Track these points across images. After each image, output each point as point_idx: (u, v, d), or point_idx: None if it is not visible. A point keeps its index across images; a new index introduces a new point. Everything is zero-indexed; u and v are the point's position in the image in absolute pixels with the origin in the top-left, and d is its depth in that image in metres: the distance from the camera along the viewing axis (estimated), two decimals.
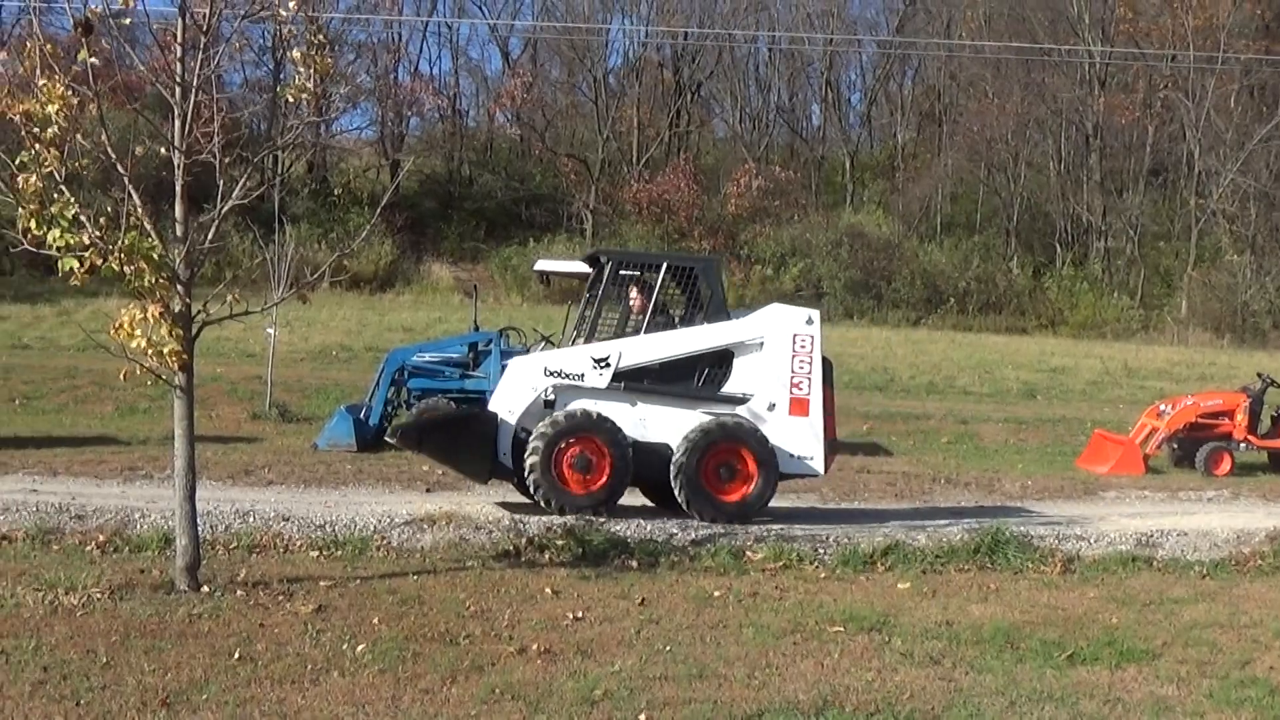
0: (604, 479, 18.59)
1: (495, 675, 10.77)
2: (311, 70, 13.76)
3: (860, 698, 10.59)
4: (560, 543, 16.60)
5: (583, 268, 21.54)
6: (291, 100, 14.26)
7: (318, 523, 17.20)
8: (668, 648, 11.90)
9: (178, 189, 13.40)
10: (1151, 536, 18.73)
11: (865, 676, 11.17)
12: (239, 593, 13.53)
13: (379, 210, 22.82)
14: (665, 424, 19.01)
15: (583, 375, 19.03)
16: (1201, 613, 14.63)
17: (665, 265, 20.04)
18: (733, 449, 18.82)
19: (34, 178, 12.62)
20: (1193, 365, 51.69)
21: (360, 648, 11.43)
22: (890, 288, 67.87)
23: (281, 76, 62.53)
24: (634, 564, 16.15)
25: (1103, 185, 75.88)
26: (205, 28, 13.28)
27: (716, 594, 14.50)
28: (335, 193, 70.31)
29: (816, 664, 11.56)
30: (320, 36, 14.21)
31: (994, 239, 75.74)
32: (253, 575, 14.43)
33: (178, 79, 13.25)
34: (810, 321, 19.40)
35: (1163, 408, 30.49)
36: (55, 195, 12.71)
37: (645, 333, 19.29)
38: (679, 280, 20.06)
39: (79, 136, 12.84)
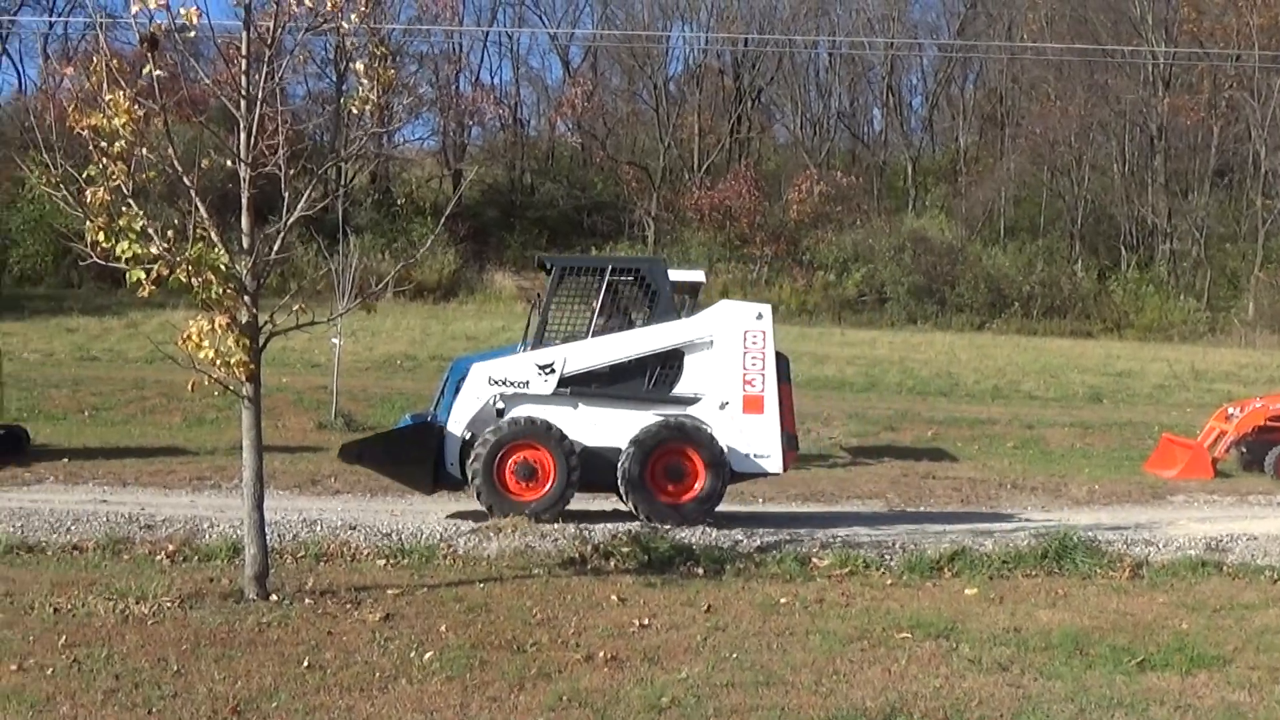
0: (547, 485, 18.78)
1: (562, 683, 10.79)
2: (374, 82, 13.82)
3: (928, 704, 10.56)
4: (625, 550, 16.60)
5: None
6: (355, 112, 14.34)
7: (384, 531, 17.30)
8: (734, 655, 11.89)
9: (243, 201, 13.49)
10: (1221, 541, 18.60)
11: (933, 683, 11.13)
12: (307, 601, 13.60)
13: (442, 220, 22.96)
14: (615, 427, 19.12)
15: (528, 382, 19.29)
16: (1273, 618, 14.50)
17: (610, 268, 20.12)
18: (679, 450, 18.88)
19: (102, 191, 12.74)
20: (1261, 367, 51.26)
21: (428, 655, 11.47)
22: (954, 292, 67.56)
23: (344, 88, 62.74)
24: (699, 571, 16.14)
25: (1167, 187, 75.37)
26: (269, 41, 13.36)
27: (783, 601, 14.48)
28: (398, 203, 70.55)
29: (884, 671, 11.53)
30: (382, 48, 14.28)
31: (1058, 242, 75.30)
32: (320, 584, 14.51)
33: (242, 92, 13.34)
34: (760, 317, 19.40)
35: (1231, 411, 30.25)
36: (123, 208, 12.82)
37: (594, 336, 19.44)
38: (627, 282, 20.11)
39: (145, 150, 12.94)
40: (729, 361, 19.14)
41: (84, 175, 12.86)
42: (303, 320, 13.85)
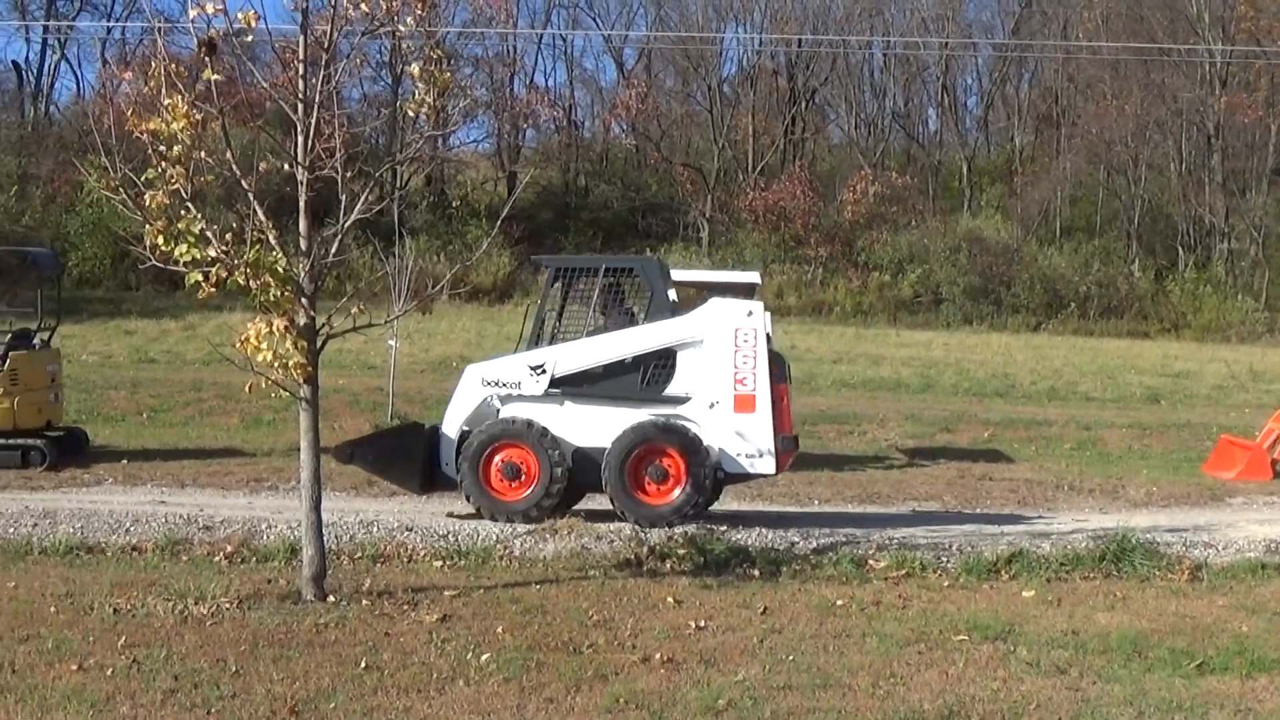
0: (531, 485, 18.79)
1: (619, 684, 10.80)
2: (430, 85, 13.87)
3: (985, 708, 10.53)
4: (682, 552, 16.61)
5: (703, 276, 21.70)
6: (411, 115, 14.39)
7: (441, 532, 17.35)
8: (791, 657, 11.88)
9: (301, 204, 13.55)
10: None
11: (991, 686, 11.10)
12: (364, 602, 13.65)
13: (498, 223, 22.95)
14: (606, 428, 19.03)
15: (520, 383, 19.31)
16: None
17: (604, 268, 20.11)
18: (660, 451, 18.77)
19: (160, 194, 12.83)
20: None
21: (485, 657, 11.50)
22: (1010, 293, 67.26)
23: (400, 91, 62.89)
24: (756, 573, 16.13)
25: (1225, 186, 74.88)
26: (326, 45, 13.42)
27: (839, 603, 14.46)
28: (453, 205, 70.76)
29: (941, 673, 11.50)
30: (438, 51, 14.31)
31: (1114, 242, 74.90)
32: (377, 585, 14.56)
33: (299, 95, 13.41)
34: (751, 314, 19.07)
35: None
36: (181, 211, 12.91)
37: (587, 336, 19.51)
38: (621, 281, 20.10)
39: (203, 153, 13.02)
40: (720, 360, 18.92)
41: (143, 179, 12.95)
42: (359, 322, 13.91)
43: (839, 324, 62.13)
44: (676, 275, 22.83)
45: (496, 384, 19.44)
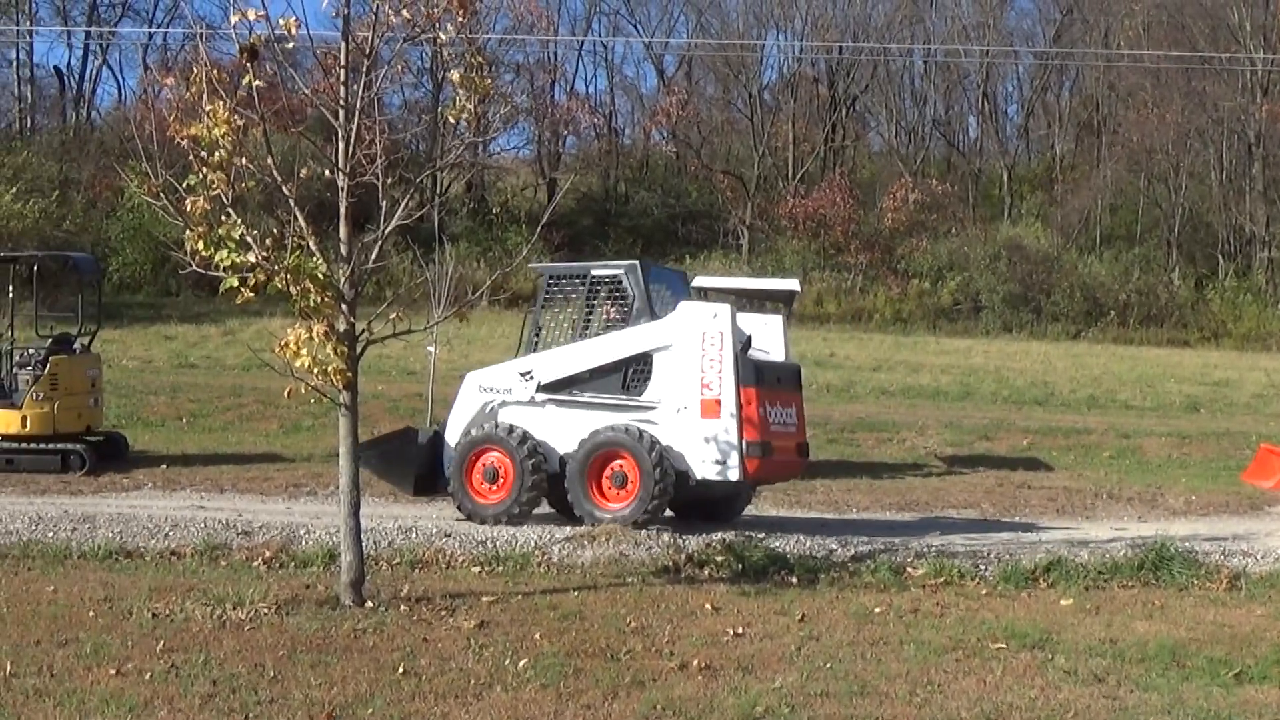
0: (508, 488, 19.07)
1: (656, 691, 10.79)
2: (470, 91, 13.89)
3: (1023, 716, 10.48)
4: (719, 559, 16.60)
5: (742, 283, 21.73)
6: (451, 121, 14.43)
7: (479, 539, 17.38)
8: (828, 664, 11.85)
9: (341, 210, 13.59)
10: None
11: (1028, 694, 11.05)
12: (402, 608, 13.67)
13: (538, 229, 22.99)
14: (584, 433, 19.21)
15: (511, 389, 19.67)
16: None
17: (589, 274, 20.24)
18: (618, 456, 18.78)
19: (201, 200, 12.88)
20: None
21: (522, 663, 11.50)
22: (1049, 301, 67.08)
23: (441, 98, 63.02)
24: (793, 580, 16.10)
25: (1266, 194, 74.49)
26: (367, 51, 13.45)
27: (877, 610, 14.42)
28: (493, 211, 70.89)
29: (979, 681, 11.46)
30: (479, 58, 14.33)
31: (1155, 250, 74.65)
32: (415, 591, 14.57)
33: (340, 102, 13.44)
34: (717, 317, 18.85)
35: None
36: (222, 217, 12.95)
37: (573, 342, 19.82)
38: (607, 287, 20.11)
39: (244, 159, 13.06)
40: (687, 365, 18.83)
41: (184, 184, 13.00)
42: (399, 328, 13.93)
43: (878, 331, 62.03)
44: (716, 282, 22.86)
45: (492, 390, 19.94)
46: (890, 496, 24.01)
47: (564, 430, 19.35)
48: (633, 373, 19.22)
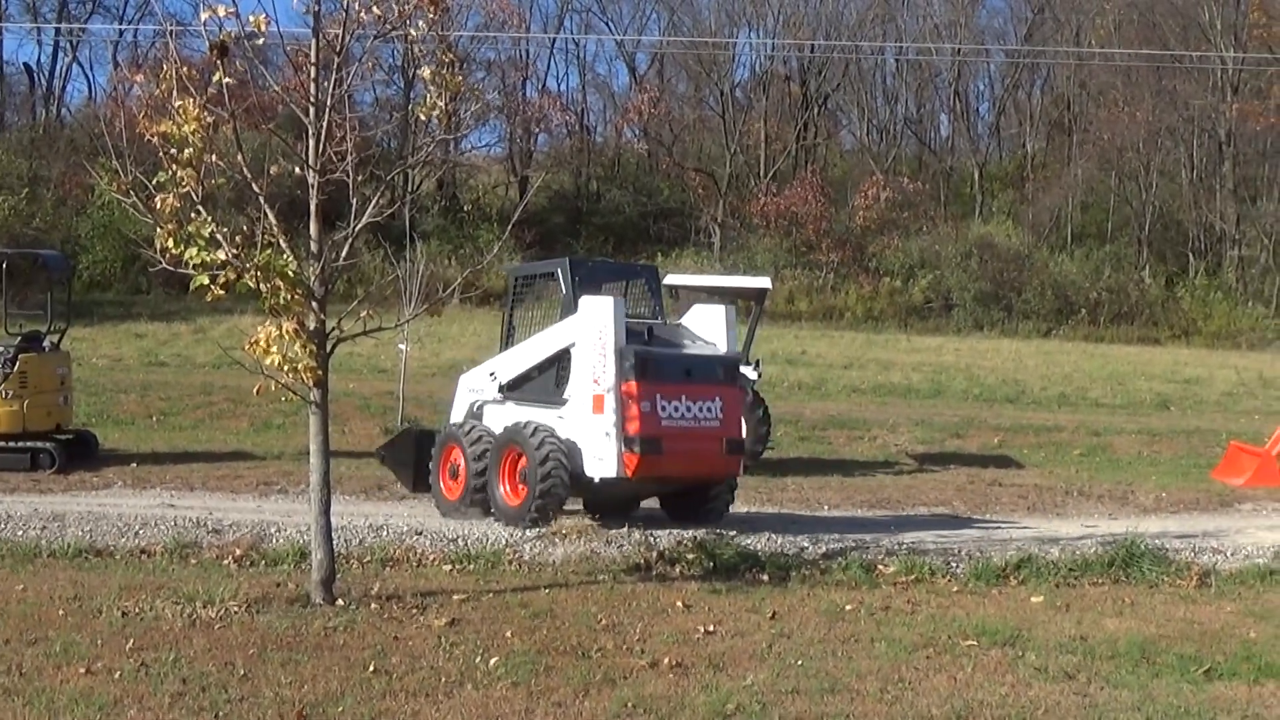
0: (461, 486, 19.35)
1: (627, 689, 10.79)
2: (442, 88, 13.87)
3: (994, 713, 10.51)
4: (691, 557, 16.60)
5: (713, 281, 21.77)
6: (422, 118, 14.40)
7: (450, 537, 17.35)
8: (799, 662, 11.87)
9: (312, 207, 13.55)
10: None
11: (999, 691, 11.08)
12: (373, 606, 13.65)
13: (509, 226, 23.02)
14: None
15: (483, 389, 20.13)
16: None
17: (537, 274, 20.81)
18: (520, 454, 18.78)
19: (171, 197, 12.83)
20: None
21: (493, 661, 11.49)
22: (1020, 299, 67.35)
23: (412, 95, 62.96)
24: (765, 578, 16.11)
25: (1236, 193, 74.88)
26: (338, 48, 13.42)
27: (848, 608, 14.44)
28: (465, 209, 70.81)
29: (949, 679, 11.49)
30: (450, 55, 14.31)
31: (1125, 249, 74.98)
32: (386, 589, 14.55)
33: (311, 99, 13.40)
34: (604, 311, 18.55)
35: None
36: (192, 214, 12.91)
37: (521, 341, 19.99)
38: (550, 285, 20.28)
39: (214, 157, 13.02)
40: (584, 360, 18.64)
41: (154, 182, 12.95)
42: (370, 326, 13.90)
43: (850, 329, 62.19)
44: (687, 280, 22.89)
45: (474, 390, 20.37)
46: (861, 494, 24.04)
47: None
48: (559, 370, 19.19)
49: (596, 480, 18.45)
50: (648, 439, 18.08)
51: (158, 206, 12.86)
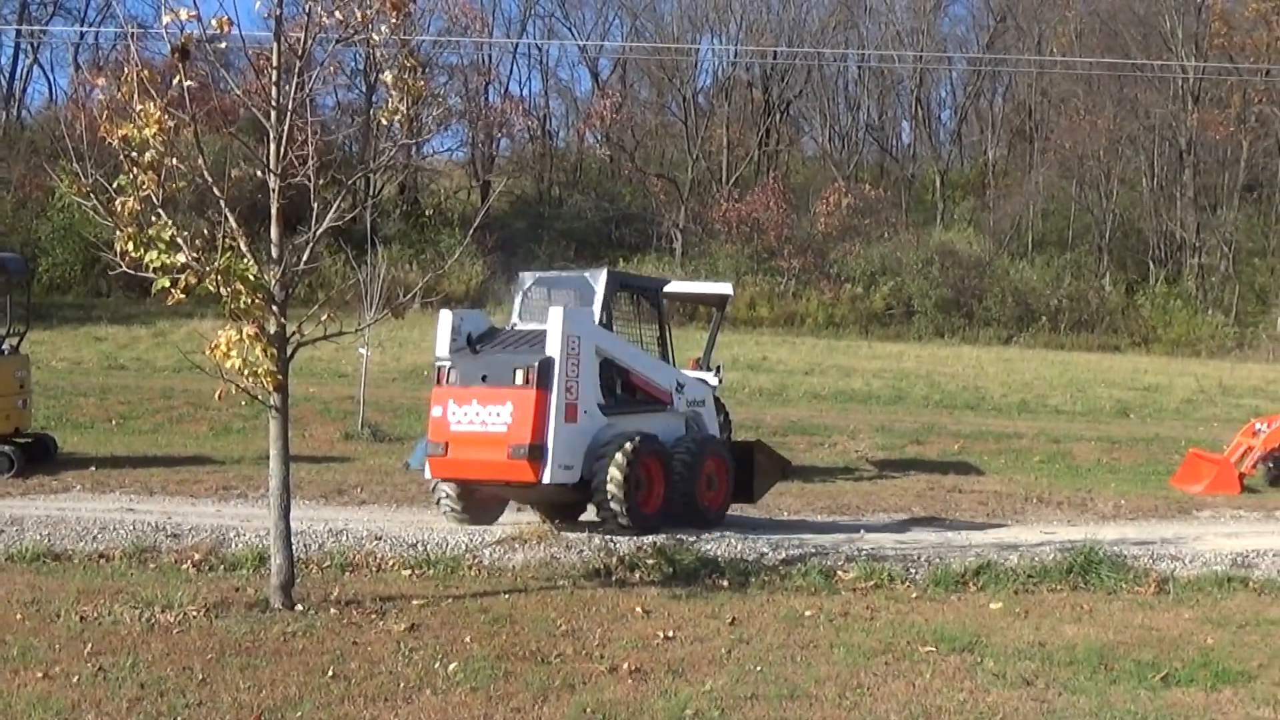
0: None
1: (586, 694, 10.80)
2: (403, 93, 13.88)
3: (952, 719, 10.55)
4: (651, 562, 16.60)
5: (672, 287, 21.81)
6: (384, 123, 14.41)
7: (410, 542, 17.32)
8: (758, 667, 11.89)
9: (273, 211, 13.54)
10: (1247, 556, 18.51)
11: (957, 697, 11.12)
12: (332, 611, 13.64)
13: (470, 231, 22.98)
14: None
15: None
16: None
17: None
18: None
19: (132, 201, 12.81)
20: None
21: (452, 666, 11.49)
22: (981, 306, 67.55)
23: (374, 99, 62.90)
24: (725, 583, 16.14)
25: (1196, 201, 75.22)
26: (300, 52, 13.42)
27: (807, 614, 14.47)
28: (426, 214, 70.78)
29: (908, 684, 11.52)
30: (412, 60, 14.32)
31: (1086, 256, 75.26)
32: (346, 594, 14.54)
33: (272, 103, 13.40)
34: (441, 323, 19.31)
35: (1258, 426, 30.10)
36: (153, 218, 12.88)
37: None
38: None
39: (175, 160, 12.99)
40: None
41: (114, 185, 12.92)
42: (330, 330, 13.88)
43: (811, 335, 62.29)
44: (675, 287, 23.06)
45: None
46: (821, 500, 24.06)
47: None
48: None
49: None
50: (434, 442, 18.79)
51: (118, 209, 12.84)
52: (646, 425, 19.22)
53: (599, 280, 20.10)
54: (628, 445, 18.28)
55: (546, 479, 18.18)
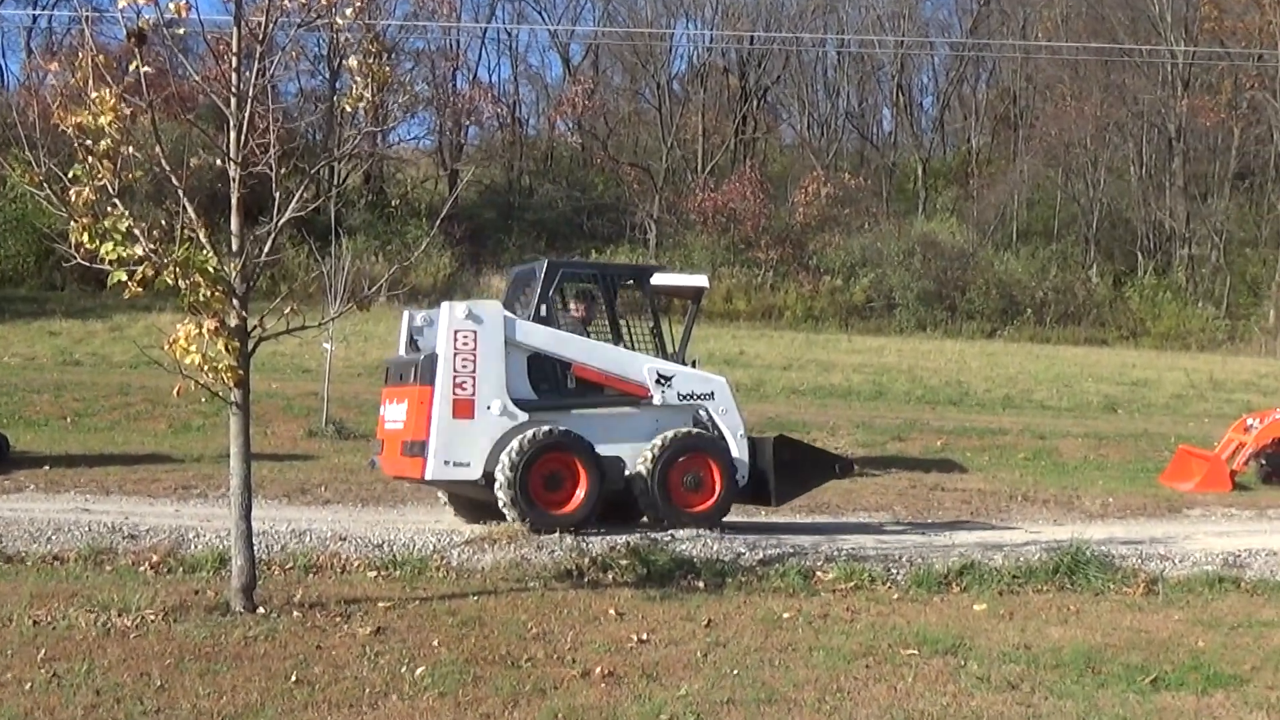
0: None
1: (558, 699, 10.80)
2: (368, 79, 13.85)
3: None
4: (624, 562, 16.61)
5: (688, 280, 21.81)
6: (348, 110, 14.37)
7: (375, 542, 17.30)
8: (735, 671, 11.90)
9: (233, 201, 13.51)
10: (1239, 556, 18.60)
11: (940, 702, 11.13)
12: (295, 614, 13.61)
13: (438, 222, 22.99)
14: None
15: None
16: None
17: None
18: None
19: (87, 191, 12.75)
20: None
21: (420, 671, 11.48)
22: (964, 298, 67.61)
23: (338, 86, 62.81)
24: (700, 584, 16.15)
25: (1186, 190, 75.39)
26: (260, 36, 13.39)
27: (785, 616, 14.49)
28: (393, 204, 70.58)
29: (889, 689, 11.53)
30: (377, 45, 14.29)
31: (1072, 247, 75.41)
32: (309, 596, 14.51)
33: (232, 89, 13.36)
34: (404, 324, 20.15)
35: (1250, 422, 30.24)
36: (108, 208, 12.83)
37: None
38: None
39: (132, 148, 12.94)
40: None
41: (68, 174, 12.87)
42: (293, 324, 13.84)
43: (789, 329, 62.30)
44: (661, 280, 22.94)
45: None
46: (800, 499, 24.09)
47: None
48: None
49: None
50: (377, 440, 19.79)
51: (73, 199, 12.78)
52: (603, 421, 19.12)
53: (541, 270, 20.11)
54: (523, 440, 18.36)
55: (429, 475, 18.49)
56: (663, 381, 19.61)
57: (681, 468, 19.14)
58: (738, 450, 19.60)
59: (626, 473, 19.01)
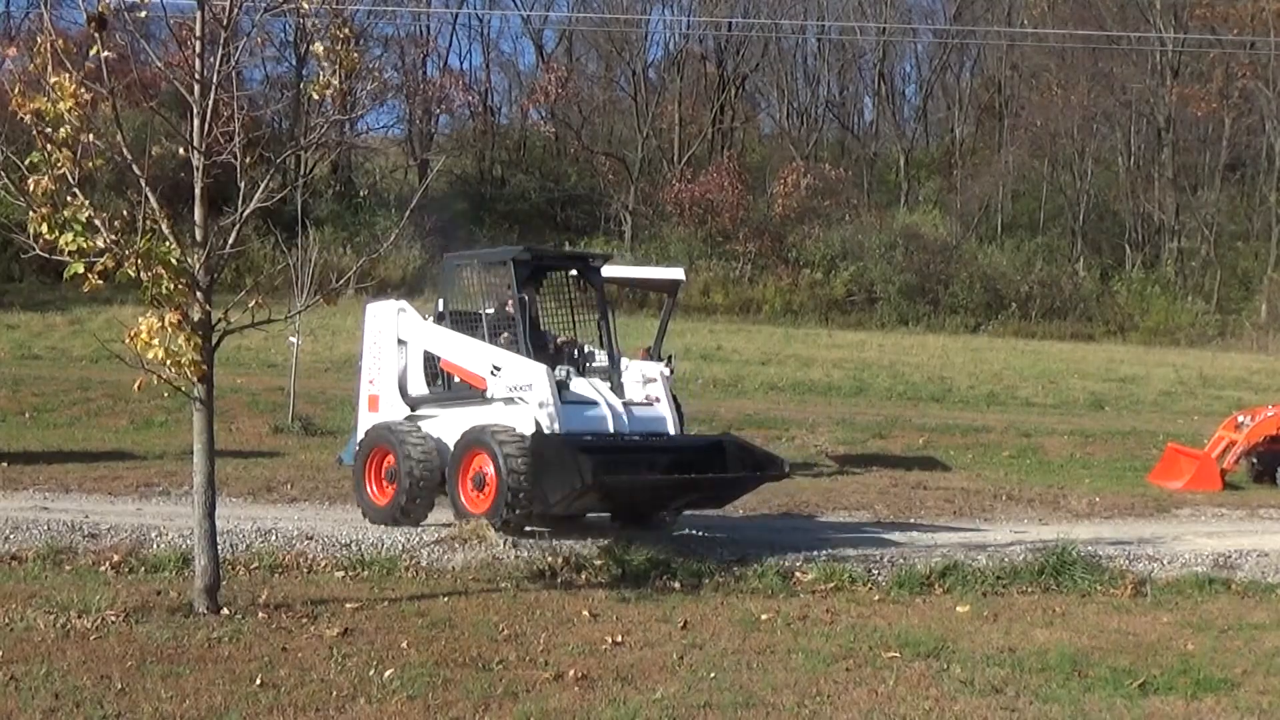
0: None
1: (530, 702, 10.80)
2: (336, 66, 13.83)
3: None
4: (598, 563, 16.63)
5: (622, 272, 21.73)
6: (315, 97, 14.34)
7: (343, 541, 17.30)
8: (712, 674, 11.91)
9: (197, 191, 13.48)
10: (1229, 557, 18.67)
11: (922, 706, 11.16)
12: (260, 615, 13.60)
13: (407, 213, 22.92)
14: None
15: None
16: None
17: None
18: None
19: (45, 180, 12.70)
20: (1273, 374, 51.44)
21: (388, 673, 11.48)
22: (948, 292, 67.72)
23: (304, 73, 62.67)
24: (676, 585, 16.17)
25: (1175, 182, 75.56)
26: (225, 22, 13.36)
27: (764, 617, 14.50)
28: (361, 194, 70.48)
29: (870, 692, 11.55)
30: (345, 30, 14.26)
31: (1059, 240, 75.54)
32: (275, 597, 14.50)
33: (196, 75, 13.33)
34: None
35: (1241, 419, 30.31)
36: (68, 198, 12.80)
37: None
38: None
39: (92, 136, 12.91)
40: None
41: (26, 162, 12.83)
42: (259, 318, 13.81)
43: (768, 323, 62.39)
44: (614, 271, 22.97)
45: None
46: (779, 497, 24.07)
47: None
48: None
49: None
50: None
51: (31, 189, 12.74)
52: (463, 416, 19.01)
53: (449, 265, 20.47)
54: (365, 433, 19.48)
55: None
56: (495, 373, 18.77)
57: (468, 466, 18.57)
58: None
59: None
